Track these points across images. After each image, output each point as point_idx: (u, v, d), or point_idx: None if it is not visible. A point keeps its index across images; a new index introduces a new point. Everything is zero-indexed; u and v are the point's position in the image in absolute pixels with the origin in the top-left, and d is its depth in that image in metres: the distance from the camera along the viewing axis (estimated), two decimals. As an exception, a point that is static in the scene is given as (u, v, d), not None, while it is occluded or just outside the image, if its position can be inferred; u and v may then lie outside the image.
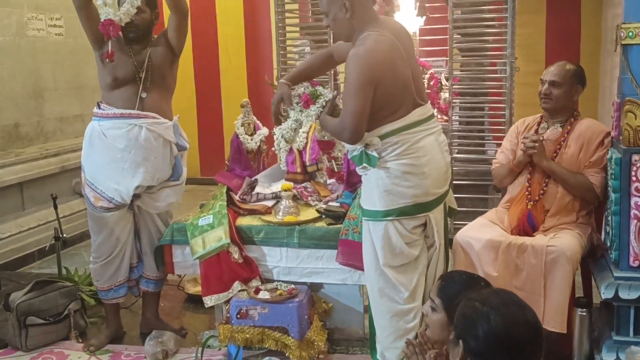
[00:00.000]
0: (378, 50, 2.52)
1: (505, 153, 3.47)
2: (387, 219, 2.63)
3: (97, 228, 3.40)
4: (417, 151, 2.60)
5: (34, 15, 5.73)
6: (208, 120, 8.12)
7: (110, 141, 3.29)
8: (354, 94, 2.51)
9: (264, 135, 3.83)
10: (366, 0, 2.63)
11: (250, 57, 7.83)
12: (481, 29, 4.88)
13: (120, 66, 3.29)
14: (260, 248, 3.33)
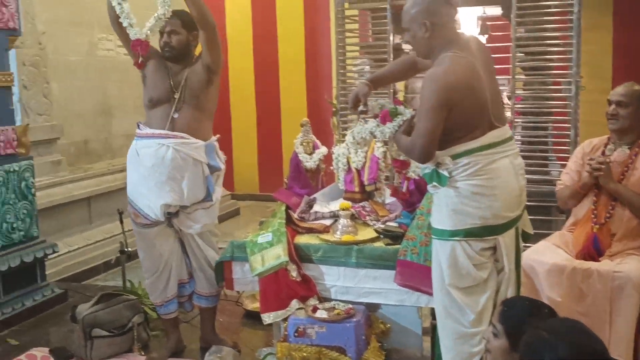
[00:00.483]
0: (455, 73, 2.49)
1: (571, 174, 3.39)
2: (454, 238, 2.60)
3: (140, 243, 3.50)
4: (488, 172, 2.56)
5: (104, 35, 5.96)
6: (267, 138, 8.24)
7: (141, 159, 3.37)
8: (427, 114, 2.50)
9: (322, 154, 3.85)
10: (447, 21, 2.60)
11: (310, 76, 7.93)
12: (545, 48, 4.80)
13: (158, 87, 3.36)
14: (318, 267, 3.33)
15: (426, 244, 3.11)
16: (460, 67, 2.51)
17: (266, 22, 7.99)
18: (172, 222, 3.49)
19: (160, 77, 3.38)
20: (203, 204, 3.46)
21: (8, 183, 3.98)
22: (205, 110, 3.46)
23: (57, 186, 5.13)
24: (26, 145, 4.16)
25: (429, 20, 2.55)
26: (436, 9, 2.56)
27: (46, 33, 5.31)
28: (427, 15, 2.55)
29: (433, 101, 2.47)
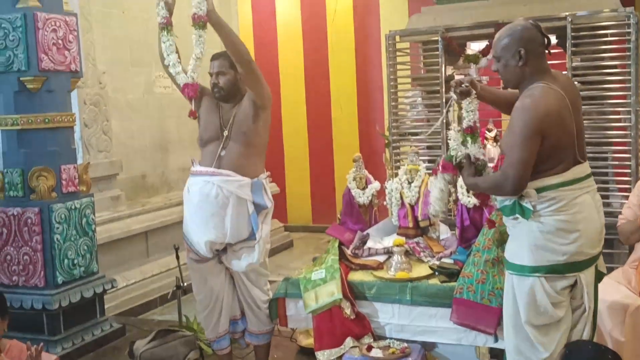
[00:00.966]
0: (546, 103, 2.48)
1: (633, 209, 3.30)
2: (534, 275, 2.54)
3: (193, 276, 3.58)
4: (573, 208, 2.51)
5: (161, 74, 6.13)
6: (320, 169, 8.29)
7: (191, 196, 3.44)
8: (521, 144, 2.46)
9: (375, 190, 3.84)
10: (540, 51, 2.59)
11: (362, 108, 7.96)
12: (602, 77, 4.69)
13: (209, 126, 3.45)
14: (372, 304, 3.31)
15: (482, 281, 3.06)
16: (551, 98, 2.50)
17: (318, 54, 8.09)
18: (222, 259, 3.52)
19: (211, 116, 3.47)
20: (247, 242, 3.44)
21: (70, 220, 4.10)
22: (253, 146, 3.47)
23: (116, 221, 5.26)
24: (87, 183, 4.30)
25: (523, 48, 2.54)
26: (530, 37, 2.56)
27: (106, 72, 5.50)
28: (522, 43, 2.55)
29: (527, 130, 2.45)
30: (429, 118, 5.20)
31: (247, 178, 3.41)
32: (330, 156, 8.22)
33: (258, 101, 3.41)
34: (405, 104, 5.44)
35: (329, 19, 8.01)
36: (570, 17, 4.55)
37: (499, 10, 4.96)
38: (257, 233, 3.42)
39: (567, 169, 2.52)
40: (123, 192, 5.58)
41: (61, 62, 4.02)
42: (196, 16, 3.20)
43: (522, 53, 2.54)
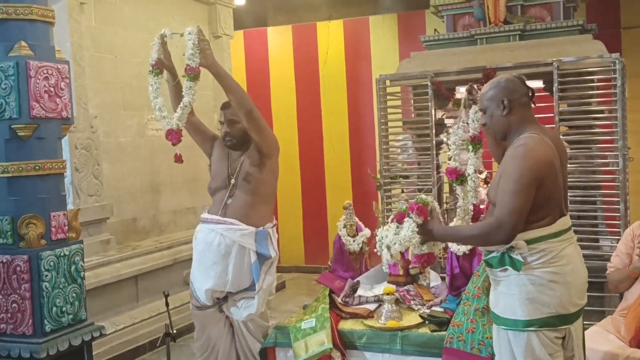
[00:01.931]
0: (542, 152, 2.52)
1: (621, 257, 3.32)
2: (529, 329, 2.53)
3: (194, 322, 3.60)
4: (562, 259, 2.53)
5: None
6: (312, 209, 8.29)
7: (196, 244, 3.49)
8: (517, 191, 2.47)
9: (366, 237, 3.85)
10: (524, 101, 2.66)
11: (354, 149, 8.02)
12: (590, 121, 4.75)
13: (217, 174, 3.50)
14: (362, 353, 3.28)
15: (472, 330, 3.05)
16: (544, 148, 2.55)
17: (311, 96, 8.17)
18: (222, 308, 3.51)
19: (221, 164, 3.52)
20: (247, 292, 3.43)
21: (59, 267, 4.06)
22: (260, 195, 3.48)
23: (106, 266, 5.23)
24: (77, 230, 4.27)
25: (506, 98, 2.62)
26: (513, 87, 2.65)
27: (98, 116, 5.53)
28: (505, 93, 2.63)
29: (525, 179, 2.47)
30: (419, 161, 5.24)
31: (252, 227, 3.40)
32: (323, 196, 8.24)
33: (263, 149, 3.44)
34: (396, 147, 5.49)
35: (321, 61, 8.11)
36: (556, 62, 4.63)
37: (487, 56, 5.04)
38: (257, 284, 3.40)
39: (555, 220, 2.55)
40: (113, 236, 5.56)
41: (52, 110, 4.03)
42: (188, 67, 3.23)
43: (505, 103, 2.61)
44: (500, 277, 2.62)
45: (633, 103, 5.90)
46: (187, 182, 6.55)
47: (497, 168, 2.80)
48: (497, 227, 2.50)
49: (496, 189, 2.60)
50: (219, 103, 6.12)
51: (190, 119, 3.49)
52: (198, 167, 6.46)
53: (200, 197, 6.45)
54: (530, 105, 2.67)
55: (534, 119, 2.67)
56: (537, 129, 2.62)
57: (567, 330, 2.56)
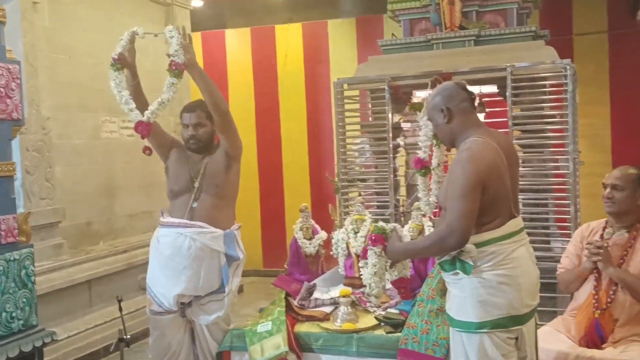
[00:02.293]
0: (486, 155, 2.56)
1: (570, 258, 3.38)
2: (481, 331, 2.56)
3: (152, 330, 3.49)
4: (512, 262, 2.56)
5: (108, 118, 6.09)
6: (271, 213, 8.27)
7: (161, 248, 3.39)
8: (463, 195, 2.50)
9: (322, 240, 3.85)
10: (464, 107, 2.69)
11: (313, 153, 8.03)
12: (542, 126, 4.85)
13: (179, 177, 3.42)
14: (318, 356, 3.28)
15: (427, 332, 3.08)
16: (488, 151, 2.58)
17: (269, 99, 8.16)
18: (185, 313, 3.46)
19: (181, 167, 3.44)
20: (215, 295, 3.41)
21: (8, 272, 3.96)
22: (225, 198, 3.49)
23: (58, 270, 5.11)
24: (27, 233, 4.17)
25: (445, 105, 2.66)
26: (451, 94, 2.69)
27: (51, 118, 5.41)
28: (444, 101, 2.68)
29: (470, 182, 2.50)
30: (376, 165, 5.28)
31: (220, 230, 3.38)
32: (281, 200, 8.22)
33: (231, 152, 3.43)
34: (353, 150, 5.51)
35: (279, 65, 8.10)
36: (510, 68, 4.71)
37: (443, 61, 5.10)
38: (227, 286, 3.39)
39: (504, 223, 2.58)
40: (66, 241, 5.44)
41: (2, 111, 3.93)
42: (174, 63, 3.17)
43: (445, 111, 2.66)
44: (453, 280, 2.65)
45: (584, 108, 6.06)
46: (143, 186, 6.46)
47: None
48: (449, 233, 2.52)
49: (445, 194, 2.64)
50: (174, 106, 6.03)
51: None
52: (155, 171, 6.37)
53: (156, 200, 6.36)
54: (472, 110, 2.71)
55: (478, 122, 2.71)
56: (482, 132, 2.65)
57: (519, 330, 2.59)
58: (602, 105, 6.79)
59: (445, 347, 2.99)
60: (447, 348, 2.99)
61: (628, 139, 6.67)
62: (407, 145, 5.55)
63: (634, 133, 6.66)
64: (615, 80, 6.75)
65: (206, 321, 3.42)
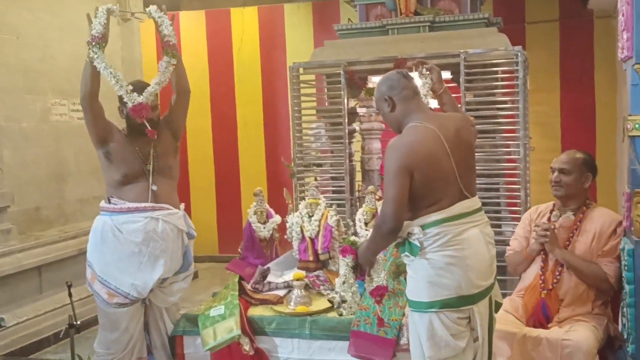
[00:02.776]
0: (413, 141, 2.60)
1: (519, 240, 3.46)
2: (431, 310, 2.59)
3: (110, 325, 3.33)
4: (460, 243, 2.59)
5: (57, 100, 5.94)
6: (226, 198, 8.22)
7: (126, 236, 3.26)
8: (391, 181, 2.57)
9: (276, 224, 3.85)
10: (407, 94, 2.72)
11: (269, 138, 7.99)
12: (494, 112, 4.92)
13: (128, 162, 3.32)
14: (271, 339, 3.30)
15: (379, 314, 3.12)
16: (419, 135, 2.61)
17: (225, 83, 8.07)
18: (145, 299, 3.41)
19: (127, 151, 3.34)
20: (177, 275, 3.44)
21: (-47, 257, 3.87)
22: (175, 179, 3.51)
23: (7, 256, 4.99)
24: (-27, 218, 4.07)
25: (388, 95, 2.71)
26: (392, 84, 2.73)
27: (-2, 101, 5.27)
28: (386, 91, 2.73)
29: (395, 168, 2.56)
30: (332, 149, 5.28)
31: (179, 210, 3.44)
32: (237, 186, 8.17)
33: (179, 133, 3.48)
34: (309, 135, 5.50)
35: (235, 48, 8.02)
36: (463, 54, 4.76)
37: (398, 46, 5.12)
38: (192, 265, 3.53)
39: (451, 204, 2.60)
40: (14, 226, 5.31)
41: (-55, 91, 3.81)
42: (171, 44, 3.23)
43: (387, 99, 2.72)
44: (408, 262, 2.69)
45: (535, 95, 6.17)
46: (94, 170, 6.30)
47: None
48: (382, 220, 2.60)
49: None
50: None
51: (96, 105, 3.31)
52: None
53: (108, 185, 6.26)
54: (414, 97, 2.74)
55: (420, 108, 2.73)
56: (422, 117, 2.68)
57: (470, 310, 2.62)
58: (553, 92, 6.92)
59: (397, 328, 3.05)
60: (399, 329, 3.05)
61: (577, 126, 6.83)
62: (362, 131, 5.57)
63: (583, 120, 6.82)
64: (565, 68, 6.89)
65: (171, 302, 3.45)
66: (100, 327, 3.40)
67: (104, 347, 3.39)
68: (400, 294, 3.20)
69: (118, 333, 3.33)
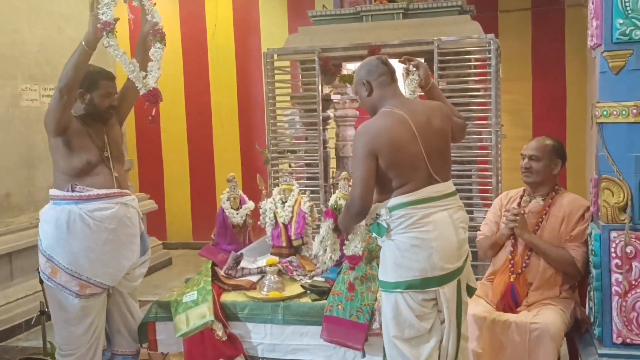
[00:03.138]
0: (379, 126, 2.66)
1: (489, 225, 3.50)
2: (396, 290, 2.65)
3: (77, 319, 3.23)
4: (425, 225, 2.62)
5: (28, 86, 5.84)
6: (201, 185, 8.19)
7: (99, 223, 3.18)
8: (358, 164, 2.65)
9: (249, 209, 3.85)
10: (384, 80, 2.78)
11: (243, 124, 7.97)
12: (467, 99, 4.96)
13: (88, 149, 3.24)
14: (244, 324, 3.30)
15: (351, 299, 3.15)
16: (387, 120, 2.66)
17: (199, 69, 8.01)
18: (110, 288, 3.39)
19: (86, 139, 3.26)
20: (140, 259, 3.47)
21: None
22: (125, 165, 3.56)
23: (-23, 243, 4.93)
24: (-60, 204, 4.00)
25: (366, 79, 2.78)
26: (371, 69, 2.79)
27: (-34, 85, 5.16)
28: (365, 75, 2.79)
29: (360, 150, 2.64)
30: (307, 136, 5.29)
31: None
32: (212, 172, 8.14)
33: (123, 121, 3.50)
34: (283, 121, 5.50)
35: (209, 34, 7.96)
36: (437, 42, 4.79)
37: (373, 34, 5.13)
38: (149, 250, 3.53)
39: (418, 188, 2.64)
40: (-16, 213, 5.24)
41: None
42: (160, 30, 3.29)
43: (365, 84, 2.78)
44: (379, 243, 2.76)
45: (508, 84, 6.23)
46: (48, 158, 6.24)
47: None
48: (351, 202, 2.69)
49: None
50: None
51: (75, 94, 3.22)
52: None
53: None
54: (390, 83, 2.79)
55: (394, 94, 2.78)
56: (395, 104, 2.73)
57: (436, 292, 2.65)
58: (525, 81, 6.99)
59: (369, 312, 3.08)
60: (371, 314, 3.08)
61: (548, 114, 6.91)
62: (337, 118, 5.58)
63: (554, 109, 6.90)
64: (537, 57, 6.96)
65: (134, 286, 3.46)
66: (63, 323, 3.25)
67: (69, 343, 3.26)
68: (372, 279, 3.23)
69: (85, 325, 3.24)
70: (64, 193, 3.22)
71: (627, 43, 2.78)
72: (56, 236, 3.20)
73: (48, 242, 3.23)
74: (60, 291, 3.21)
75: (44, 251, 3.24)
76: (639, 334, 2.85)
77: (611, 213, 2.81)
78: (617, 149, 2.84)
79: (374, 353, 3.08)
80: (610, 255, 2.82)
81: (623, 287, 2.83)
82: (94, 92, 3.26)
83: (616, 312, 2.83)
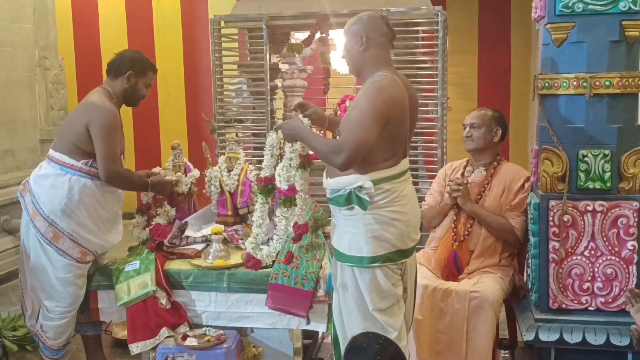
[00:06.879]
0: (394, 91, 2.57)
1: (434, 195, 3.56)
2: (374, 265, 2.61)
3: (81, 282, 3.31)
4: (403, 199, 2.64)
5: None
6: (146, 155, 8.02)
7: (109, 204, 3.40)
8: (364, 123, 2.49)
9: (194, 178, 3.80)
10: (382, 41, 2.68)
11: (190, 93, 7.82)
12: (414, 71, 4.98)
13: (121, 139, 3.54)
14: (189, 293, 3.29)
15: (297, 267, 3.16)
16: (396, 88, 2.59)
17: (143, 36, 7.79)
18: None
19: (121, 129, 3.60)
20: None
21: None
22: None
23: None
24: None
25: (365, 34, 2.64)
26: (374, 25, 2.67)
27: None
28: (365, 29, 2.65)
29: (374, 112, 2.50)
30: (254, 105, 5.23)
31: None
32: (157, 142, 7.99)
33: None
34: (230, 90, 5.42)
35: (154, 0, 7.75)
36: (385, 12, 4.78)
37: (321, 3, 5.08)
38: None
39: (398, 162, 2.65)
40: None
41: None
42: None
43: (364, 39, 2.64)
44: (345, 216, 2.66)
45: (454, 57, 6.29)
46: (3, 124, 6.02)
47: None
48: (337, 151, 2.50)
49: (345, 120, 2.65)
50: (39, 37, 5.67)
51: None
52: (17, 107, 5.96)
53: (18, 139, 5.99)
54: (387, 47, 2.72)
55: (389, 61, 2.73)
56: (391, 70, 2.68)
57: (404, 264, 2.70)
58: (471, 55, 7.07)
59: (314, 280, 3.09)
60: (316, 281, 3.09)
61: (493, 87, 7.03)
62: (285, 88, 5.53)
63: (499, 83, 7.02)
64: (483, 32, 7.03)
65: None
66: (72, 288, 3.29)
67: (70, 305, 3.32)
68: (317, 247, 3.24)
69: (84, 288, 3.33)
70: (80, 165, 3.28)
71: (570, 15, 2.84)
72: (63, 203, 3.24)
73: (54, 207, 3.24)
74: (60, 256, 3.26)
75: (47, 216, 3.24)
76: (573, 300, 2.96)
77: (550, 183, 2.89)
78: (556, 120, 2.92)
79: (318, 320, 3.12)
80: (549, 223, 2.91)
81: (559, 254, 2.93)
82: (140, 78, 3.50)
83: (552, 278, 2.93)
